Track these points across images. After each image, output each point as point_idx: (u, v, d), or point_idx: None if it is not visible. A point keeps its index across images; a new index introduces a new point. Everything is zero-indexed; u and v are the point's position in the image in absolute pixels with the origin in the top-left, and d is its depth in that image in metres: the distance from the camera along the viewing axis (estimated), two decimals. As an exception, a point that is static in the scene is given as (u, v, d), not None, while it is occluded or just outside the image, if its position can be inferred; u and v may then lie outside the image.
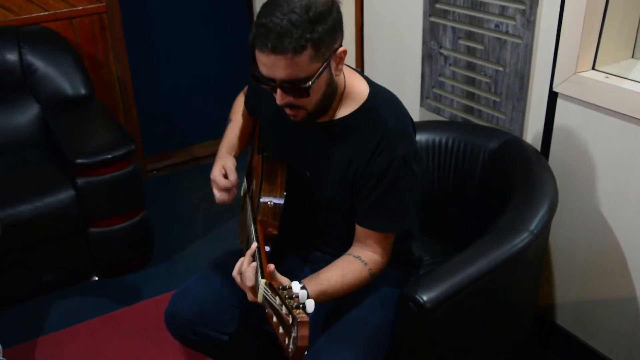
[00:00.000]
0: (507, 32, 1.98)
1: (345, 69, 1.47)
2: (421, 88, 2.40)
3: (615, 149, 1.80)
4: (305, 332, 1.08)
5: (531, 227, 1.60)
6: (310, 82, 1.32)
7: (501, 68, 2.04)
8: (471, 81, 2.16)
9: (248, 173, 1.83)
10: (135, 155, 2.48)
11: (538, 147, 2.01)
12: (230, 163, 1.68)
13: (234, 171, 1.66)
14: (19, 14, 2.84)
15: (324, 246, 1.68)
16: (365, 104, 1.47)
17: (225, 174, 1.65)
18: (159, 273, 2.68)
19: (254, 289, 1.33)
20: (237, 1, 3.59)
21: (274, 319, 1.18)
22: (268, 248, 1.46)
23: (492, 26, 2.02)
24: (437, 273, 1.51)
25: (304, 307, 1.14)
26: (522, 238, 1.57)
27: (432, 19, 2.24)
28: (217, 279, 1.65)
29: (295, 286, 1.22)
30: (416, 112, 2.46)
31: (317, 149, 1.53)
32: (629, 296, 1.88)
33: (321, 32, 1.29)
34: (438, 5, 2.20)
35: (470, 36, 2.11)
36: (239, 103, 1.83)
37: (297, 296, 1.17)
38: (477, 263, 1.52)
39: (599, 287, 1.97)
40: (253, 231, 1.48)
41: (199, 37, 3.56)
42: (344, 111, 1.48)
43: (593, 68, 1.85)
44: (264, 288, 1.26)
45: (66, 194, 2.41)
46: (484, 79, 2.11)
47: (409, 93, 2.46)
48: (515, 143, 1.94)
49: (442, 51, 2.24)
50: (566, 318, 2.12)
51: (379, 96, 1.50)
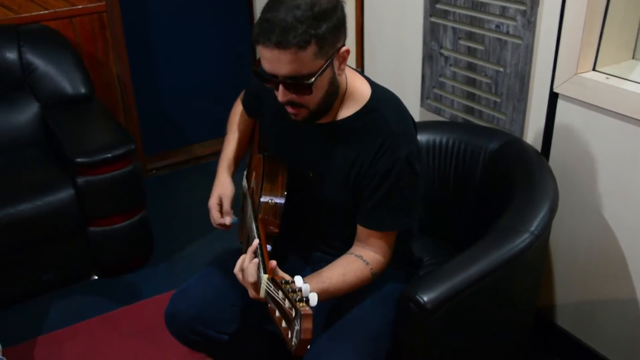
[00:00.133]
0: (508, 33, 1.98)
1: (347, 70, 1.47)
2: (421, 88, 2.40)
3: (615, 150, 1.80)
4: (308, 325, 1.07)
5: (532, 228, 1.60)
6: (313, 79, 1.32)
7: (502, 69, 2.04)
8: (472, 82, 2.16)
9: (248, 172, 1.83)
10: (135, 154, 2.47)
11: (538, 148, 2.01)
12: (228, 193, 1.70)
13: (229, 205, 1.68)
14: (19, 13, 2.84)
15: (325, 246, 1.68)
16: (367, 105, 1.47)
17: (220, 204, 1.69)
18: (159, 272, 2.68)
19: (256, 285, 1.32)
20: (238, 1, 3.59)
21: (277, 314, 1.17)
22: (269, 247, 1.46)
23: (493, 27, 2.02)
24: (438, 274, 1.51)
25: (307, 300, 1.13)
26: (523, 239, 1.57)
27: (433, 20, 2.24)
28: (217, 279, 1.64)
29: (298, 280, 1.21)
30: (416, 113, 2.46)
31: (319, 150, 1.53)
32: (630, 297, 1.88)
33: (325, 29, 1.29)
34: (438, 5, 2.20)
35: (470, 37, 2.11)
36: (236, 111, 1.83)
37: (300, 289, 1.16)
38: (478, 264, 1.52)
39: (600, 288, 1.97)
40: (254, 229, 1.48)
41: (199, 37, 3.56)
42: (346, 112, 1.48)
43: (594, 69, 1.85)
44: (267, 283, 1.25)
45: (66, 193, 2.41)
46: (485, 80, 2.11)
47: (410, 93, 2.46)
48: (515, 144, 1.94)
49: (443, 51, 2.24)
50: (566, 319, 2.12)
51: (381, 97, 1.50)
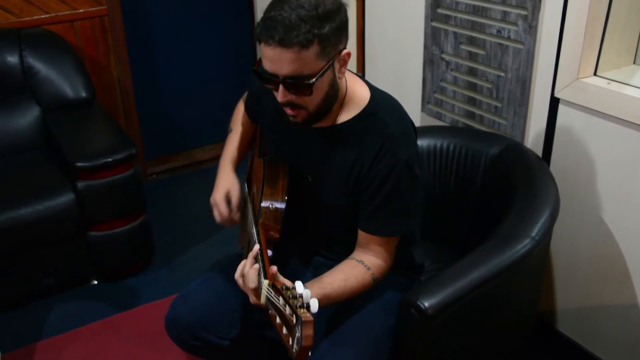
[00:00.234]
0: (509, 38, 1.97)
1: (346, 74, 1.47)
2: (422, 93, 2.40)
3: (616, 155, 1.80)
4: (309, 332, 1.07)
5: (533, 233, 1.59)
6: (314, 79, 1.32)
7: (503, 73, 2.04)
8: (472, 86, 2.16)
9: (249, 177, 1.83)
10: (135, 158, 2.47)
11: (539, 153, 2.01)
12: (235, 190, 1.67)
13: (238, 201, 1.66)
14: (20, 17, 2.84)
15: (325, 251, 1.68)
16: (366, 109, 1.47)
17: (228, 200, 1.65)
18: (159, 277, 2.68)
19: (257, 291, 1.32)
20: (239, 6, 3.59)
21: (277, 320, 1.17)
22: (270, 252, 1.45)
23: (494, 31, 2.02)
24: (439, 279, 1.51)
25: (308, 307, 1.13)
26: (524, 244, 1.57)
27: (434, 24, 2.24)
28: (218, 284, 1.64)
29: (298, 286, 1.20)
30: (417, 117, 2.46)
31: (319, 154, 1.53)
32: (631, 302, 1.88)
33: (328, 30, 1.30)
34: (440, 10, 2.20)
35: (471, 41, 2.11)
36: (239, 111, 1.83)
37: (301, 296, 1.16)
38: (479, 269, 1.51)
39: (601, 293, 1.97)
40: (255, 234, 1.47)
41: (200, 41, 3.56)
42: (346, 116, 1.48)
43: (595, 74, 1.85)
44: (267, 289, 1.25)
45: (66, 197, 2.40)
46: (486, 85, 2.11)
47: (410, 98, 2.46)
48: (516, 149, 1.94)
49: (444, 56, 2.24)
50: (567, 324, 2.11)
51: (380, 100, 1.50)
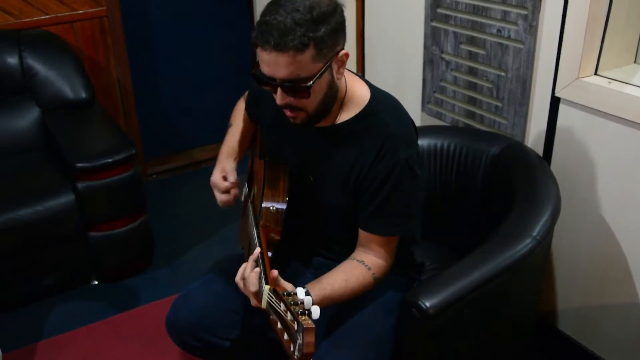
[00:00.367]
0: (509, 37, 1.97)
1: (346, 74, 1.47)
2: (422, 93, 2.40)
3: (617, 154, 1.79)
4: (311, 339, 1.07)
5: (534, 233, 1.59)
6: (311, 82, 1.32)
7: (503, 73, 2.03)
8: (473, 86, 2.16)
9: (249, 178, 1.83)
10: (135, 159, 2.47)
11: (540, 153, 2.00)
12: (229, 166, 1.69)
13: (234, 172, 1.67)
14: (20, 18, 2.84)
15: (326, 251, 1.67)
16: (366, 108, 1.47)
17: (224, 177, 1.65)
18: (159, 277, 2.68)
19: (258, 295, 1.32)
20: (238, 7, 3.59)
21: (279, 325, 1.17)
22: (270, 253, 1.45)
23: (494, 31, 2.01)
24: (440, 279, 1.51)
25: (309, 314, 1.13)
26: (525, 244, 1.57)
27: (434, 24, 2.24)
28: (219, 285, 1.64)
29: (300, 292, 1.21)
30: (417, 117, 2.45)
31: (319, 154, 1.52)
32: (632, 302, 1.88)
33: (324, 32, 1.29)
34: (440, 9, 2.20)
35: (472, 41, 2.11)
36: (240, 107, 1.83)
37: (303, 302, 1.16)
38: (480, 269, 1.51)
39: (602, 293, 1.97)
40: (255, 236, 1.47)
41: (200, 42, 3.56)
42: (346, 116, 1.48)
43: (595, 73, 1.84)
44: (268, 294, 1.25)
45: (66, 198, 2.40)
46: (486, 84, 2.11)
47: (411, 98, 2.46)
48: (517, 148, 1.94)
49: (444, 56, 2.24)
50: (568, 324, 2.11)
51: (380, 100, 1.50)
